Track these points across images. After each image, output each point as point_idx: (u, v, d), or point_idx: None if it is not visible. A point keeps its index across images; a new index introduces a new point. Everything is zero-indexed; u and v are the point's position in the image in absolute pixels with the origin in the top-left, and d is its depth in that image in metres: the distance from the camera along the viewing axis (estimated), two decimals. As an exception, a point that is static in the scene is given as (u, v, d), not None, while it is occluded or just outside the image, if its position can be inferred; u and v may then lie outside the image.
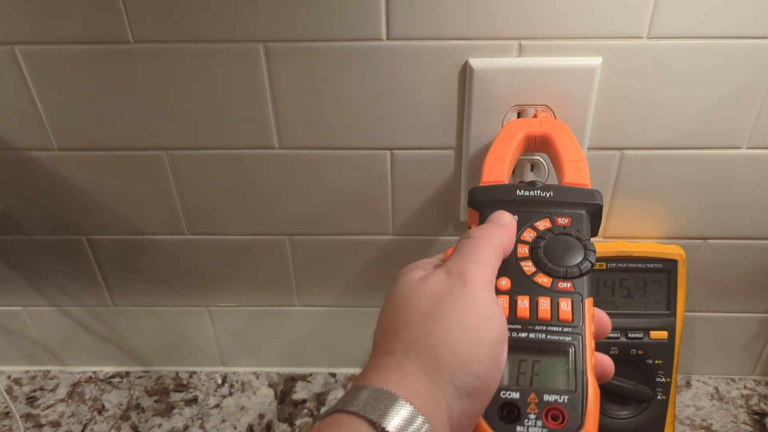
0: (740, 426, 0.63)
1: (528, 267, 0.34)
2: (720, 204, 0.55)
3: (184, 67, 0.50)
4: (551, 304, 0.32)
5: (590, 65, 0.48)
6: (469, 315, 0.29)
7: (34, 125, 0.54)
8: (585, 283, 0.33)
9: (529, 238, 0.35)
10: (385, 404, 0.27)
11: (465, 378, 0.28)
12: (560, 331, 0.32)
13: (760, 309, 0.62)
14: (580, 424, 0.28)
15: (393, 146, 0.53)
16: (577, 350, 0.31)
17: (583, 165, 0.41)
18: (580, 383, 0.30)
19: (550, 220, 0.36)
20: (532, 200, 0.37)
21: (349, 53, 0.49)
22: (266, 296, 0.65)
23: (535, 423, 0.29)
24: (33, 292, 0.66)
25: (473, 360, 0.28)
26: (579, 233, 0.35)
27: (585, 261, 0.34)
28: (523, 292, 0.33)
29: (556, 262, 0.34)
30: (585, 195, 0.38)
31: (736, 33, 0.46)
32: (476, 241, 0.33)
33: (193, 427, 0.65)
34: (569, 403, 0.29)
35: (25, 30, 0.49)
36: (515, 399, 0.30)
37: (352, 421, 0.27)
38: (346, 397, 0.28)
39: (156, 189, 0.57)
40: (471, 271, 0.31)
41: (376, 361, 0.30)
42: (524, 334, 0.32)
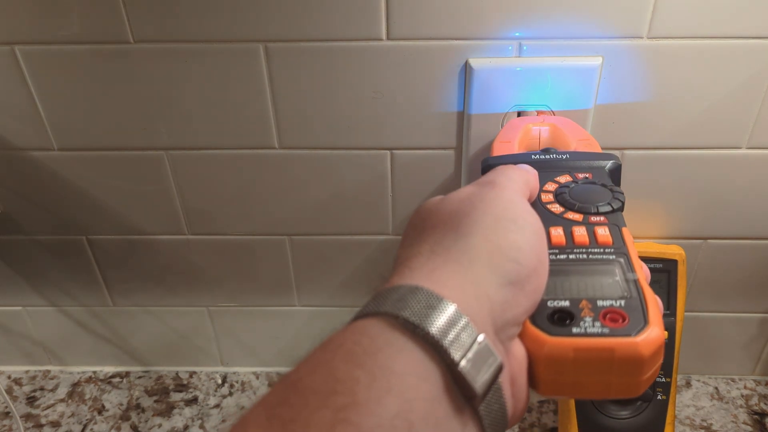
0: (740, 426, 0.63)
1: (555, 208, 0.32)
2: (720, 204, 0.55)
3: (184, 67, 0.50)
4: (587, 231, 0.30)
5: (590, 65, 0.48)
6: (502, 207, 0.26)
7: (34, 125, 0.54)
8: (619, 218, 0.31)
9: (552, 188, 0.33)
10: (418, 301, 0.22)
11: (504, 263, 0.24)
12: (602, 251, 0.29)
13: (760, 309, 0.62)
14: (645, 323, 0.25)
15: (393, 146, 0.54)
16: (624, 265, 0.28)
17: (592, 141, 0.40)
18: (635, 290, 0.27)
19: (570, 175, 0.35)
20: (550, 162, 0.36)
21: (349, 53, 0.49)
22: (266, 296, 0.65)
23: (593, 324, 0.25)
24: (33, 292, 0.66)
25: (512, 245, 0.25)
26: (603, 181, 0.34)
27: (615, 200, 0.32)
28: (555, 225, 0.30)
29: (585, 202, 0.32)
30: (603, 156, 0.37)
31: (736, 33, 0.46)
32: (503, 167, 0.31)
33: (193, 427, 0.65)
34: (627, 306, 0.26)
35: (25, 30, 0.49)
36: (565, 306, 0.26)
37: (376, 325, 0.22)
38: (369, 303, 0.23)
39: (156, 189, 0.57)
40: (500, 180, 0.29)
41: (400, 266, 0.25)
42: (563, 256, 0.29)
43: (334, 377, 0.20)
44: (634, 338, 0.24)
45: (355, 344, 0.21)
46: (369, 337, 0.21)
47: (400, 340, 0.21)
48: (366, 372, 0.20)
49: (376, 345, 0.21)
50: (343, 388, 0.19)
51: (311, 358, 0.21)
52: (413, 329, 0.21)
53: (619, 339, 0.24)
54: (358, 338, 0.21)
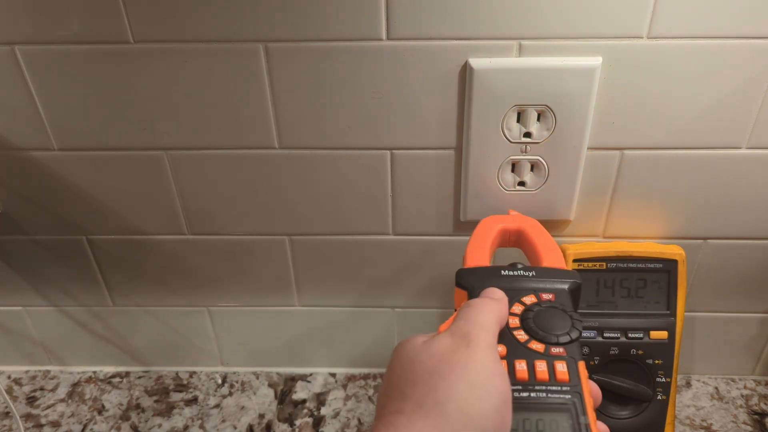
0: (740, 426, 0.63)
1: (521, 335, 0.35)
2: (720, 204, 0.55)
3: (184, 67, 0.50)
4: (548, 366, 0.34)
5: (590, 65, 0.48)
6: (474, 371, 0.30)
7: (34, 125, 0.54)
8: (576, 348, 0.35)
9: (518, 311, 0.37)
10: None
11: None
12: (559, 390, 0.33)
13: (760, 309, 0.62)
14: None
15: (393, 146, 0.53)
16: (578, 406, 0.32)
17: (558, 252, 0.43)
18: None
19: (535, 296, 0.38)
20: (517, 278, 0.39)
21: (349, 53, 0.49)
22: (266, 296, 0.65)
23: None
24: (33, 292, 0.66)
25: (481, 415, 0.29)
26: (564, 306, 0.37)
27: (573, 329, 0.35)
28: (520, 357, 0.34)
29: (547, 331, 0.35)
30: (565, 274, 0.40)
31: (736, 33, 0.46)
32: (476, 307, 0.34)
33: (193, 427, 0.65)
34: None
35: (25, 30, 0.49)
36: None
37: None
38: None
39: (156, 189, 0.57)
40: (474, 333, 0.32)
41: (385, 420, 0.30)
42: (525, 394, 0.33)
43: None
44: None
45: None
46: None
47: None
48: None
49: None
50: None
51: None
52: None
53: None
54: None
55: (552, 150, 0.52)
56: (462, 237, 0.59)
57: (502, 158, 0.52)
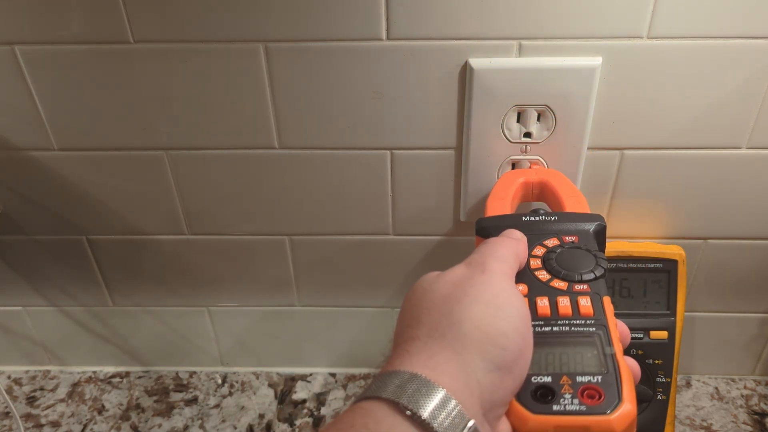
0: (740, 426, 0.63)
1: (543, 275, 0.35)
2: (720, 204, 0.55)
3: (184, 67, 0.50)
4: (571, 302, 0.33)
5: (590, 65, 0.48)
6: (490, 293, 0.29)
7: (34, 125, 0.54)
8: (601, 285, 0.34)
9: (540, 253, 0.36)
10: (415, 388, 0.25)
11: (492, 350, 0.27)
12: (583, 323, 0.32)
13: (760, 309, 0.62)
14: (618, 400, 0.28)
15: (393, 146, 0.54)
16: (603, 338, 0.31)
17: (581, 198, 0.43)
18: (612, 365, 0.29)
19: (558, 238, 0.37)
20: (539, 224, 0.39)
21: (349, 53, 0.49)
22: (266, 296, 0.65)
23: (572, 401, 0.28)
24: (33, 292, 0.66)
25: (499, 332, 0.28)
26: (588, 246, 0.36)
27: (598, 267, 0.34)
28: (542, 294, 0.34)
29: (570, 269, 0.34)
30: (589, 217, 0.39)
31: (736, 33, 0.46)
32: (493, 242, 0.34)
33: (193, 427, 0.65)
34: (603, 382, 0.29)
35: (25, 30, 0.49)
36: (547, 382, 0.29)
37: (380, 408, 0.25)
38: (373, 385, 0.26)
39: (156, 189, 0.57)
40: (489, 262, 0.31)
41: (399, 349, 0.29)
42: (548, 329, 0.32)
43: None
44: (608, 416, 0.27)
45: (363, 427, 0.24)
46: (375, 421, 0.24)
47: (403, 425, 0.24)
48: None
49: (381, 428, 0.24)
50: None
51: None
52: (412, 415, 0.24)
53: (595, 417, 0.27)
54: (366, 421, 0.24)
55: (552, 150, 0.52)
56: (462, 237, 0.59)
57: (502, 158, 0.52)
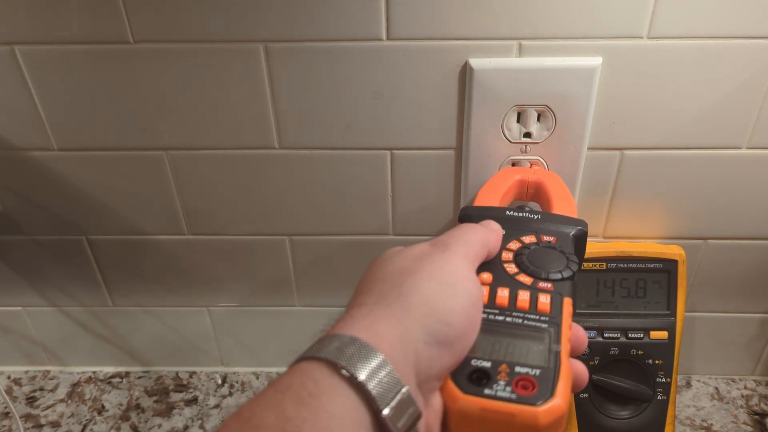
0: (740, 426, 0.62)
1: (511, 268, 0.35)
2: (720, 204, 0.55)
3: (184, 67, 0.50)
4: (530, 297, 0.33)
5: (590, 65, 0.48)
6: (445, 271, 0.29)
7: (34, 125, 0.54)
8: (566, 287, 0.33)
9: (515, 247, 0.36)
10: (354, 351, 0.25)
11: (435, 324, 0.27)
12: (537, 319, 0.32)
13: (760, 309, 0.62)
14: (550, 395, 0.27)
15: (393, 146, 0.54)
16: (553, 336, 0.31)
17: (572, 202, 0.42)
18: (553, 361, 0.29)
19: (536, 236, 0.37)
20: (521, 220, 0.39)
21: (349, 53, 0.49)
22: (266, 296, 0.65)
23: (504, 388, 0.28)
24: (33, 292, 0.66)
25: (446, 308, 0.28)
26: (562, 248, 0.36)
27: (567, 269, 0.34)
28: (504, 285, 0.33)
29: (539, 267, 0.34)
30: (572, 221, 0.39)
31: (736, 33, 0.46)
32: (466, 226, 0.34)
33: (193, 427, 0.65)
34: (541, 376, 0.28)
35: (25, 30, 0.49)
36: (485, 366, 0.29)
37: (318, 368, 0.25)
38: (314, 346, 0.26)
39: (156, 189, 0.57)
40: (454, 244, 0.31)
41: (345, 314, 0.29)
42: (501, 318, 0.32)
43: (284, 416, 0.23)
44: (536, 408, 0.27)
45: (302, 387, 0.24)
46: (314, 381, 0.24)
47: (340, 386, 0.24)
48: (312, 413, 0.23)
49: (320, 388, 0.24)
50: (292, 427, 0.22)
51: (263, 397, 0.24)
52: (349, 376, 0.24)
53: (522, 406, 0.27)
54: (305, 381, 0.24)
55: (552, 150, 0.52)
56: (462, 237, 0.59)
57: (502, 158, 0.52)
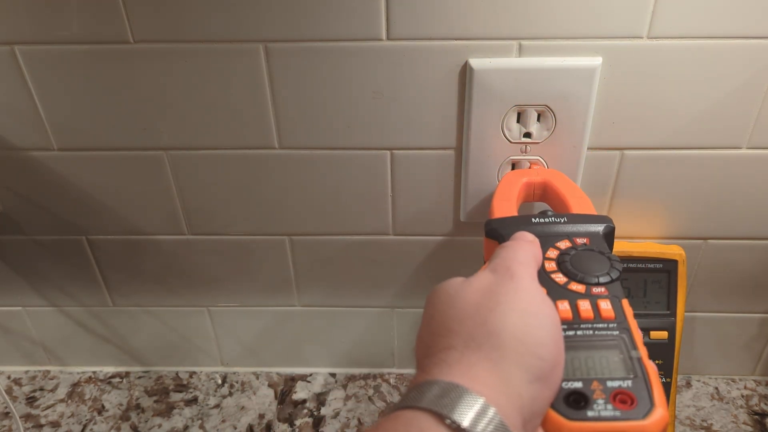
0: (740, 426, 0.62)
1: (559, 278, 0.35)
2: (720, 204, 0.55)
3: (184, 67, 0.50)
4: (591, 305, 0.33)
5: (590, 65, 0.48)
6: (523, 301, 0.29)
7: (34, 125, 0.54)
8: (618, 288, 0.34)
9: (554, 255, 0.36)
10: (455, 397, 0.25)
11: (532, 360, 0.27)
12: (606, 327, 0.32)
13: (760, 309, 0.62)
14: (651, 405, 0.28)
15: (393, 146, 0.53)
16: (627, 342, 0.31)
17: (585, 198, 0.43)
18: (639, 369, 0.30)
19: (569, 240, 0.38)
20: (548, 226, 0.39)
21: (349, 53, 0.49)
22: (266, 296, 0.65)
23: (605, 407, 0.28)
24: (33, 292, 0.66)
25: (537, 342, 0.28)
26: (600, 248, 0.37)
27: (613, 269, 0.35)
28: (561, 297, 0.34)
29: (586, 272, 0.35)
30: (597, 219, 0.40)
31: (736, 33, 0.46)
32: (512, 247, 0.34)
33: (193, 427, 0.65)
34: (634, 386, 0.29)
35: (25, 30, 0.49)
36: (579, 388, 0.29)
37: (418, 416, 0.24)
38: (411, 394, 0.26)
39: (156, 189, 0.57)
40: (516, 267, 0.31)
41: (435, 358, 0.28)
42: (571, 333, 0.32)
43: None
44: (643, 422, 0.27)
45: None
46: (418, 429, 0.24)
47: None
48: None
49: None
50: None
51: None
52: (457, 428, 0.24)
53: (630, 423, 0.27)
54: (409, 429, 0.24)
55: (552, 150, 0.51)
56: (462, 237, 0.59)
57: (502, 158, 0.52)
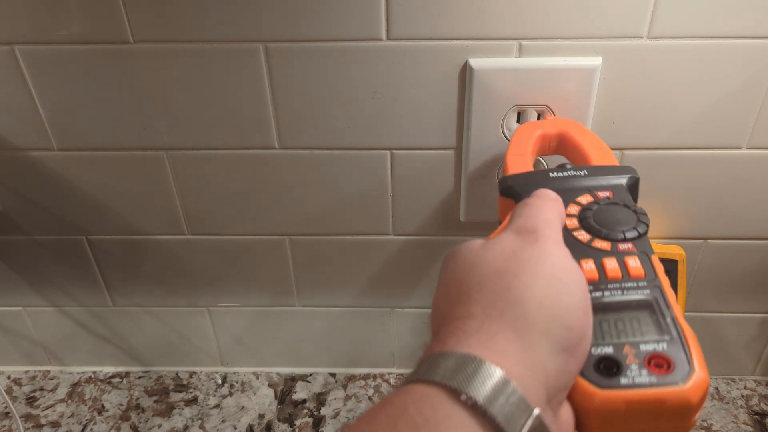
0: (740, 426, 0.62)
1: (582, 236, 0.32)
2: (720, 204, 0.55)
3: (184, 67, 0.50)
4: (618, 263, 0.30)
5: (590, 65, 0.48)
6: (549, 266, 0.26)
7: (34, 125, 0.54)
8: (646, 243, 0.31)
9: (575, 212, 0.33)
10: (472, 371, 0.22)
11: (559, 330, 0.25)
12: (636, 286, 0.29)
13: (760, 309, 0.62)
14: (690, 368, 0.25)
15: (393, 146, 0.53)
16: (660, 301, 0.28)
17: (606, 148, 0.40)
18: (675, 329, 0.27)
19: (591, 194, 0.34)
20: (568, 180, 0.36)
21: (349, 53, 0.49)
22: (266, 296, 0.65)
23: (640, 372, 0.25)
24: (33, 292, 0.66)
25: (564, 310, 0.25)
26: (625, 201, 0.33)
27: (640, 223, 0.32)
28: (585, 256, 0.30)
29: (611, 228, 0.31)
30: (620, 170, 0.36)
31: (736, 33, 0.46)
32: (535, 205, 0.31)
33: (193, 427, 0.65)
34: (670, 349, 0.26)
35: (25, 30, 0.49)
36: (609, 353, 0.26)
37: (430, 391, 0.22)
38: (423, 366, 0.24)
39: (156, 189, 0.57)
40: (541, 228, 0.29)
41: (452, 326, 0.25)
42: (598, 294, 0.29)
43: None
44: (683, 387, 0.25)
45: (417, 412, 0.21)
46: (430, 407, 0.22)
47: (461, 414, 0.22)
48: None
49: (437, 416, 0.21)
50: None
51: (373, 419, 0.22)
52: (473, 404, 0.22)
53: (669, 389, 0.25)
54: (420, 406, 0.22)
55: (552, 150, 0.51)
56: (462, 237, 0.59)
57: (502, 158, 0.52)
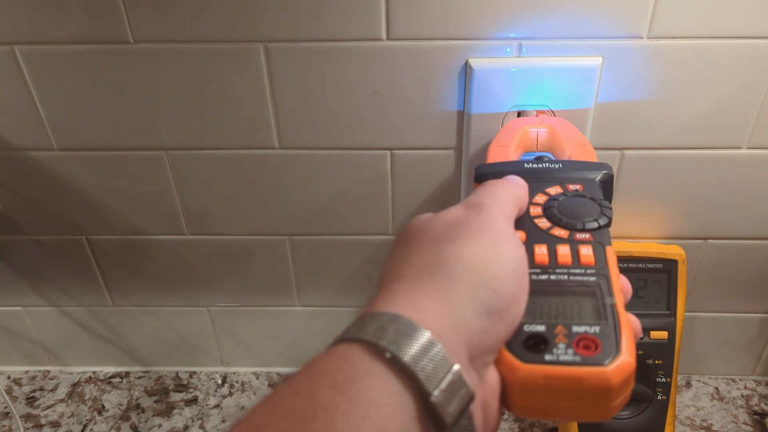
0: (740, 426, 0.62)
1: (543, 223, 0.32)
2: (720, 204, 0.55)
3: (184, 67, 0.50)
4: (571, 250, 0.30)
5: (590, 65, 0.48)
6: (486, 235, 0.27)
7: (34, 125, 0.54)
8: (605, 235, 0.31)
9: (542, 201, 0.34)
10: (397, 329, 0.23)
11: (485, 293, 0.25)
12: (583, 272, 0.29)
13: (760, 309, 0.62)
14: (616, 351, 0.25)
15: (393, 146, 0.53)
16: (604, 288, 0.28)
17: (589, 147, 0.40)
18: (611, 315, 0.27)
19: (561, 186, 0.35)
20: (542, 171, 0.36)
21: (349, 53, 0.49)
22: (266, 296, 0.65)
23: (566, 351, 0.25)
24: (33, 292, 0.66)
25: (494, 275, 0.25)
26: (592, 195, 0.34)
27: (602, 216, 0.32)
28: (540, 242, 0.31)
29: (572, 218, 0.32)
30: (595, 165, 0.37)
31: (736, 33, 0.46)
32: (493, 184, 0.31)
33: (193, 427, 0.65)
34: (601, 333, 0.26)
35: (25, 30, 0.49)
36: (540, 331, 0.26)
37: (357, 351, 0.22)
38: (351, 327, 0.24)
39: (156, 189, 0.57)
40: (488, 203, 0.29)
41: (384, 290, 0.26)
42: (545, 277, 0.29)
43: (315, 403, 0.21)
44: (605, 368, 0.25)
45: (337, 371, 0.22)
46: (350, 365, 0.22)
47: (379, 369, 0.22)
48: (346, 399, 0.21)
49: (356, 373, 0.22)
50: (324, 415, 0.20)
51: (295, 381, 0.22)
52: (390, 358, 0.22)
53: (589, 368, 0.25)
54: (341, 365, 0.22)
55: (552, 150, 0.52)
56: (462, 237, 0.59)
57: (502, 158, 0.52)
